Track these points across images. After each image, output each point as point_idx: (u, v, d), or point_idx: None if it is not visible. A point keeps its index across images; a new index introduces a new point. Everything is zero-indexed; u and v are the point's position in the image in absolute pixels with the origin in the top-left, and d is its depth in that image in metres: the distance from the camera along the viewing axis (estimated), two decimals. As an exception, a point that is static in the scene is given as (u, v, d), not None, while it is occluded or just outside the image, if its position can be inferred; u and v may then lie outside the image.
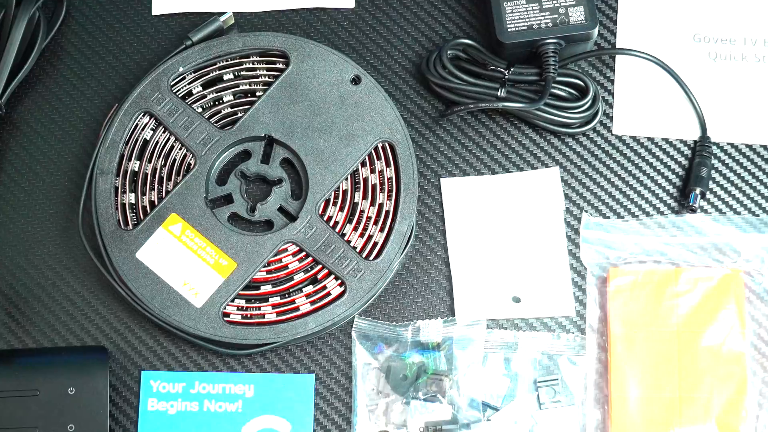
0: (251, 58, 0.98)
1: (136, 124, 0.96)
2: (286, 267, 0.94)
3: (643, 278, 0.94)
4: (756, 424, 0.91)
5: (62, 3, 1.00)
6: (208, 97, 0.97)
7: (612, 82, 0.99)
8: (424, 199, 0.96)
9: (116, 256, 0.93)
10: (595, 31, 0.97)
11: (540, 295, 0.95)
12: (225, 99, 0.97)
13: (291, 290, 0.94)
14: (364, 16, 1.01)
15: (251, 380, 0.93)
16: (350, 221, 0.95)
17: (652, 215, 0.97)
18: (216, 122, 0.96)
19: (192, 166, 0.95)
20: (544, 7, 0.97)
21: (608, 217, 0.97)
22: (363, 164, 0.95)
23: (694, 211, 0.96)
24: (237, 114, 0.97)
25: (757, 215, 0.96)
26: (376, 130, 0.96)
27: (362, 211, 0.95)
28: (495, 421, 0.91)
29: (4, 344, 0.94)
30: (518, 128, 0.98)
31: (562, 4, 0.97)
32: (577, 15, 0.96)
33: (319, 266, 0.94)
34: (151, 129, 0.96)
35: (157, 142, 0.96)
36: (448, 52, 0.97)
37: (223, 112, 0.97)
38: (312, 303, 0.93)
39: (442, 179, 0.97)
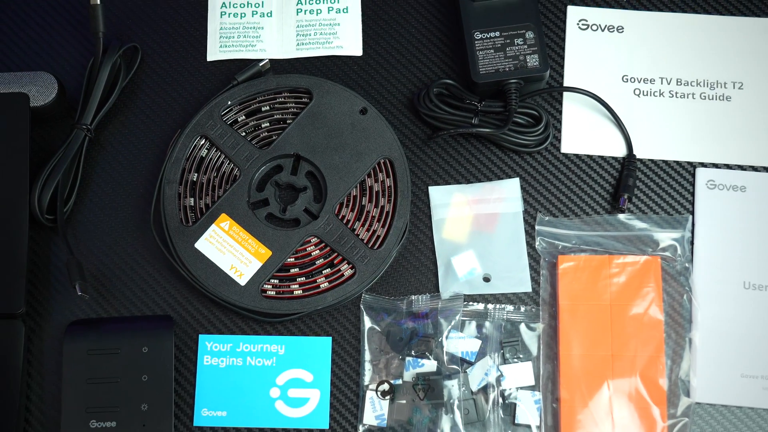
0: (283, 94, 0.98)
1: (195, 145, 0.96)
2: (309, 254, 0.94)
3: (584, 263, 0.94)
4: (671, 376, 0.92)
5: (138, 51, 1.00)
6: (250, 123, 0.97)
7: (560, 112, 0.99)
8: (415, 202, 0.97)
9: (179, 246, 0.94)
10: (547, 74, 0.97)
11: (505, 276, 0.95)
12: (263, 125, 0.97)
13: (313, 272, 0.94)
14: (370, 62, 1.00)
15: (283, 341, 0.94)
16: (359, 219, 0.95)
17: (590, 215, 0.96)
18: (256, 143, 0.97)
19: (237, 177, 0.96)
20: (507, 55, 0.96)
21: (557, 216, 0.96)
22: (369, 175, 0.96)
23: (623, 211, 0.96)
24: (272, 137, 0.97)
25: (671, 215, 0.96)
26: (379, 149, 0.96)
27: (368, 212, 0.95)
28: (470, 373, 0.92)
29: (94, 314, 0.95)
30: (488, 148, 0.98)
31: (522, 53, 0.96)
32: (533, 61, 0.96)
33: (335, 254, 0.94)
34: (206, 148, 0.97)
35: (211, 159, 0.96)
36: (434, 89, 0.97)
37: (261, 136, 0.97)
38: (329, 282, 0.93)
39: (429, 187, 0.97)
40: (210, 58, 1.01)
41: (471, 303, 0.94)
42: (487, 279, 0.95)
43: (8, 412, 0.89)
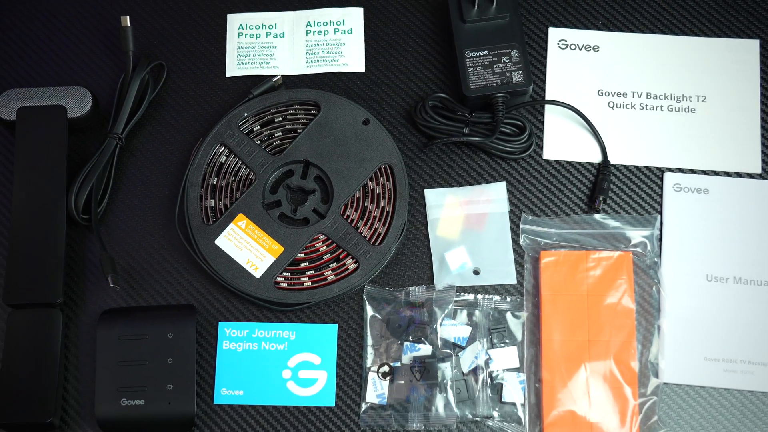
0: (294, 106, 0.98)
1: (215, 152, 0.96)
2: (317, 250, 0.94)
3: (564, 258, 0.94)
4: (641, 359, 0.91)
5: (164, 68, 1.00)
6: (264, 133, 0.97)
7: (542, 123, 0.99)
8: (412, 203, 0.97)
9: (201, 242, 0.94)
10: (530, 88, 0.97)
11: (492, 269, 0.95)
12: (276, 134, 0.97)
13: (321, 266, 0.94)
14: (371, 77, 1.00)
15: (294, 328, 0.94)
16: (362, 218, 0.95)
17: (569, 214, 0.96)
18: (269, 150, 0.97)
19: (253, 181, 0.96)
20: (495, 71, 0.96)
21: (539, 216, 0.96)
22: (371, 179, 0.96)
23: (598, 211, 0.96)
24: (284, 145, 0.97)
25: (642, 215, 0.96)
26: (380, 156, 0.96)
27: (370, 212, 0.95)
28: (461, 356, 0.91)
29: (124, 303, 0.94)
30: (477, 155, 0.98)
31: (508, 70, 0.96)
32: (517, 77, 0.96)
33: (341, 249, 0.94)
34: (225, 155, 0.96)
35: (229, 164, 0.96)
36: (429, 102, 0.97)
37: (274, 144, 0.97)
38: (336, 275, 0.93)
39: (425, 190, 0.97)
40: (228, 74, 1.01)
41: (462, 293, 0.94)
42: (476, 272, 0.95)
43: (48, 391, 0.89)
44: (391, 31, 1.02)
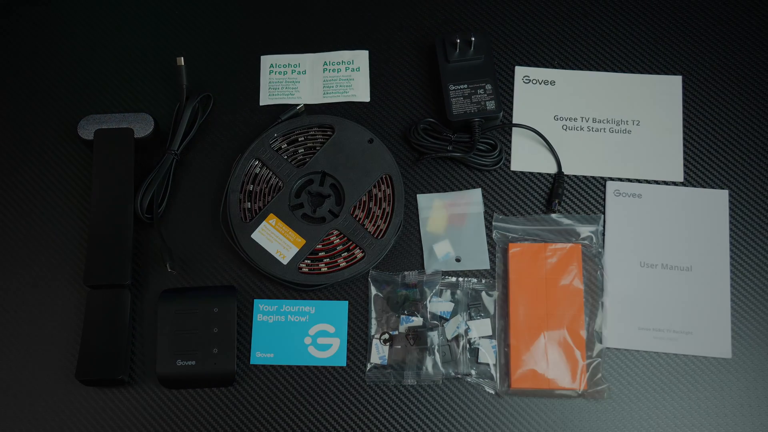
0: (313, 128, 0.99)
1: (251, 165, 0.97)
2: (332, 242, 0.95)
3: (527, 249, 0.94)
4: (588, 328, 0.92)
5: (210, 98, 1.00)
6: (290, 150, 0.98)
7: (510, 141, 0.99)
8: (407, 205, 0.97)
9: (240, 236, 0.95)
10: (501, 114, 0.98)
11: (470, 257, 0.95)
12: (299, 151, 0.98)
13: (335, 255, 0.95)
14: (375, 105, 1.01)
15: (313, 304, 0.94)
16: (368, 217, 0.96)
17: (532, 214, 0.97)
18: (294, 164, 0.97)
19: (281, 188, 0.96)
20: (473, 101, 0.97)
21: (508, 215, 0.97)
22: (375, 186, 0.96)
23: (554, 212, 0.96)
24: (306, 159, 0.97)
25: (589, 214, 0.96)
26: (382, 168, 0.97)
27: (374, 212, 0.96)
28: (446, 326, 0.92)
29: (179, 284, 0.95)
30: (458, 167, 0.99)
31: (483, 100, 0.97)
32: (491, 105, 0.97)
33: (351, 242, 0.95)
34: (259, 167, 0.97)
35: (263, 174, 0.97)
36: (421, 125, 0.98)
37: (298, 158, 0.98)
38: (347, 262, 0.94)
39: (417, 195, 0.98)
40: (262, 103, 1.02)
41: (447, 277, 0.95)
42: (458, 260, 0.96)
43: (119, 354, 0.91)
44: (391, 69, 1.03)
